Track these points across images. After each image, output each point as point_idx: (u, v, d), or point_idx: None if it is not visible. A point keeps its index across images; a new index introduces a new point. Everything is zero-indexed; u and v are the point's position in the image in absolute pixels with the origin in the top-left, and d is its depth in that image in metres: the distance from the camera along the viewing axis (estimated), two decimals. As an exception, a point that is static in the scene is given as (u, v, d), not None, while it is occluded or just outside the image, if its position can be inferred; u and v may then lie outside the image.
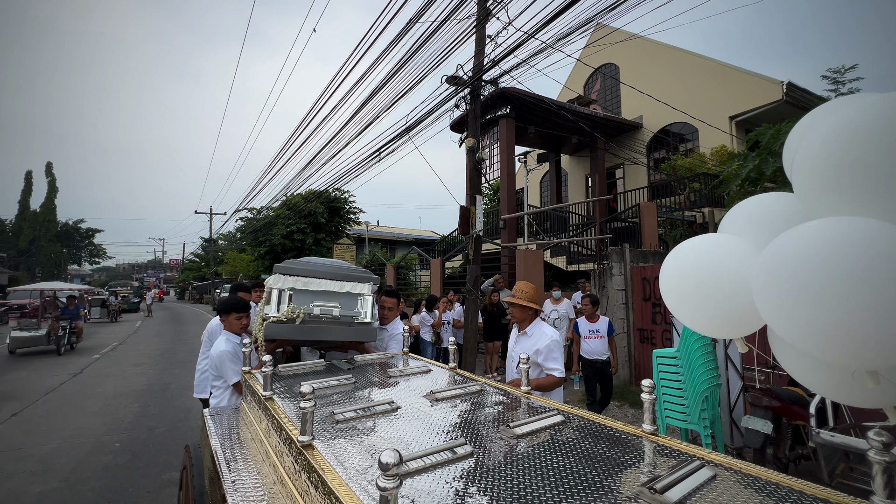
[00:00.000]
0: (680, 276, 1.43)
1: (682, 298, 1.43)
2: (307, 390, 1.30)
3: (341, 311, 2.76)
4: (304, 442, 1.30)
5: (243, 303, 3.08)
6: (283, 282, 2.65)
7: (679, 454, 1.24)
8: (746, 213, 1.52)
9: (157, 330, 17.26)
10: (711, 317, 1.34)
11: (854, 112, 1.00)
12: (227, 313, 3.00)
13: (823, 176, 0.96)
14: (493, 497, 0.99)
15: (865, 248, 0.81)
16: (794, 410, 3.55)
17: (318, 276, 2.73)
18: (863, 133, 0.91)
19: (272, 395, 1.83)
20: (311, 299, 2.69)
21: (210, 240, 36.15)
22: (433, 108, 7.30)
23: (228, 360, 2.77)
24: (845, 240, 0.85)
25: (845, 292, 0.81)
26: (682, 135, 13.40)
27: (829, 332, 0.85)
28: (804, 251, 0.89)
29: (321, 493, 1.10)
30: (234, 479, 1.58)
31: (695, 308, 1.38)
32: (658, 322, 6.59)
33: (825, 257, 0.85)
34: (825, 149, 0.96)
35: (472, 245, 6.90)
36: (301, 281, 2.68)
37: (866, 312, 0.79)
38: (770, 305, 0.97)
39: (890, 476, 0.92)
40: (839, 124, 0.96)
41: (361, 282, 2.89)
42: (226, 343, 2.85)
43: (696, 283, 1.34)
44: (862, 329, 0.81)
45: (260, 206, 20.76)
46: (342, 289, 2.80)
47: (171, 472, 3.94)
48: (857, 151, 0.90)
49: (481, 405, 1.75)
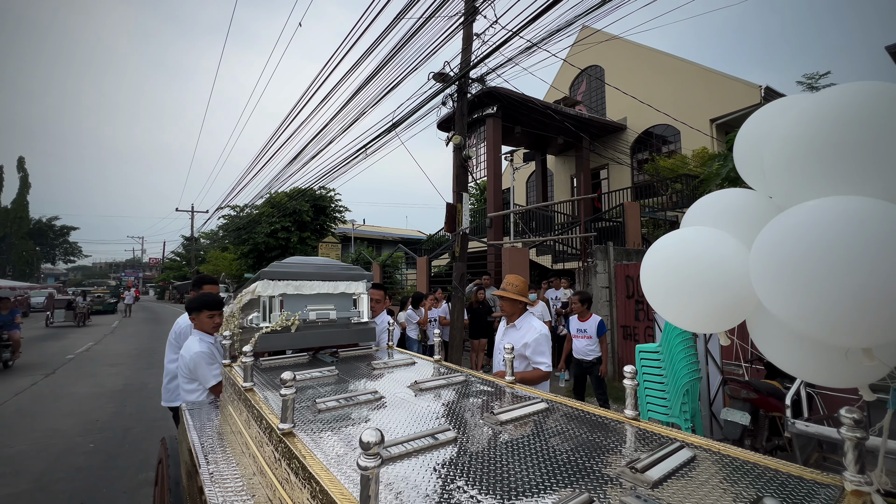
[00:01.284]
0: (662, 270, 1.41)
1: (664, 293, 1.41)
2: (288, 377, 1.27)
3: (338, 313, 2.59)
4: (284, 430, 1.27)
5: (217, 299, 2.84)
6: (272, 287, 2.41)
7: (660, 437, 1.26)
8: (706, 210, 1.54)
9: (134, 330, 16.81)
10: (695, 311, 1.33)
11: (828, 99, 1.02)
12: (199, 311, 2.75)
13: (805, 160, 0.99)
14: (478, 480, 0.99)
15: (866, 225, 0.83)
16: (771, 402, 3.65)
17: (310, 279, 2.54)
18: (845, 115, 0.94)
19: (252, 386, 1.80)
20: (305, 303, 2.50)
21: (191, 238, 35.38)
22: (420, 104, 7.27)
23: (204, 362, 2.56)
24: (847, 217, 0.86)
25: (846, 269, 0.83)
26: (665, 137, 13.66)
27: (830, 310, 0.85)
28: (805, 229, 0.90)
29: (301, 478, 1.08)
30: (213, 471, 1.54)
31: (677, 303, 1.37)
32: (641, 319, 6.70)
33: (826, 234, 0.86)
34: (806, 132, 0.98)
35: (459, 242, 6.90)
36: (293, 285, 2.47)
37: (867, 289, 0.81)
38: (769, 284, 0.98)
39: (860, 452, 0.95)
40: (817, 109, 0.99)
41: (355, 280, 2.73)
42: (199, 344, 2.62)
43: (678, 277, 1.33)
44: (863, 306, 0.82)
45: (243, 203, 20.41)
46: (336, 289, 2.63)
47: (148, 472, 3.83)
48: (841, 132, 0.93)
49: (466, 395, 1.74)
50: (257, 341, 2.27)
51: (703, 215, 1.52)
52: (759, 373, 4.55)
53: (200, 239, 35.70)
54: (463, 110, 7.18)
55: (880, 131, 0.89)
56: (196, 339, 2.68)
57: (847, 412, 0.95)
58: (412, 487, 0.95)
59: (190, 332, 2.80)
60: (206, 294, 2.89)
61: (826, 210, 0.89)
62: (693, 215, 1.57)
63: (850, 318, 0.84)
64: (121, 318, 21.85)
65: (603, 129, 13.97)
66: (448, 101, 7.53)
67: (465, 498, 0.90)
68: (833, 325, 0.87)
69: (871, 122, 0.91)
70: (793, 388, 3.22)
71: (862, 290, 0.81)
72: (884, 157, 0.90)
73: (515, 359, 2.64)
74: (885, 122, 0.90)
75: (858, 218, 0.84)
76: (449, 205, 7.06)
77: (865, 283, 0.80)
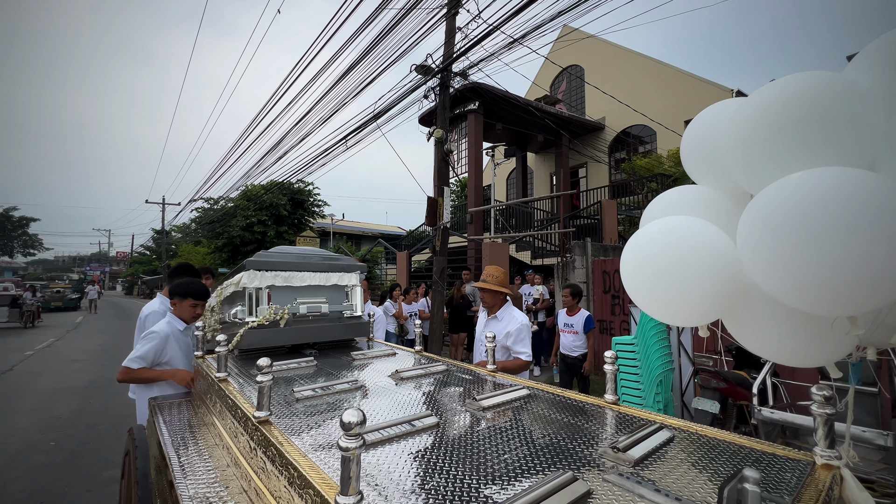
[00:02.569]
0: (645, 262, 1.34)
1: (647, 284, 1.35)
2: (264, 363, 1.23)
3: (330, 306, 2.44)
4: (260, 418, 1.23)
5: (204, 289, 2.67)
6: (259, 279, 2.22)
7: (639, 420, 1.27)
8: (664, 207, 1.57)
9: (101, 326, 16.13)
10: (679, 302, 1.27)
11: (785, 84, 1.07)
12: (183, 297, 2.58)
13: (771, 137, 1.03)
14: (461, 463, 0.98)
15: (854, 195, 0.85)
16: (739, 391, 3.80)
17: (300, 269, 2.36)
18: (802, 96, 1.01)
19: (227, 377, 1.74)
20: (294, 296, 2.34)
21: (162, 231, 34.13)
22: (402, 96, 7.20)
23: (148, 340, 2.39)
24: (834, 187, 0.88)
25: (836, 239, 0.85)
26: (642, 137, 13.97)
27: (825, 279, 0.87)
28: (793, 199, 0.92)
29: (278, 466, 1.04)
30: (184, 464, 1.48)
31: (663, 293, 1.30)
32: (617, 313, 6.84)
33: (815, 205, 0.88)
34: (772, 112, 1.03)
35: (440, 236, 6.88)
36: (281, 276, 2.28)
37: (861, 256, 0.83)
38: (760, 257, 0.99)
39: (830, 427, 0.98)
40: (776, 93, 1.04)
41: (348, 271, 2.57)
42: (165, 325, 2.47)
43: (662, 267, 1.26)
44: (857, 273, 0.84)
45: (217, 196, 19.79)
46: (328, 281, 2.46)
47: (114, 469, 3.68)
48: (799, 110, 0.99)
49: (448, 383, 1.73)
50: (243, 336, 2.10)
51: (661, 212, 1.54)
52: (728, 364, 4.73)
53: (172, 232, 34.49)
54: (445, 104, 7.15)
55: (829, 110, 0.98)
56: (166, 321, 2.52)
57: (817, 390, 0.98)
58: (394, 472, 0.93)
59: (160, 318, 2.62)
60: (194, 281, 2.73)
61: (814, 180, 0.91)
62: (651, 213, 1.59)
63: (845, 286, 0.86)
64: (85, 315, 20.79)
65: (582, 128, 14.17)
66: (430, 94, 7.48)
67: (449, 481, 0.89)
68: (827, 293, 0.89)
69: (821, 102, 0.98)
70: (759, 377, 3.36)
71: (856, 256, 0.83)
72: (835, 132, 0.97)
73: (497, 350, 2.64)
74: (831, 101, 0.98)
75: (847, 186, 0.87)
76: (430, 198, 7.03)
77: (859, 250, 0.83)
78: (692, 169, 1.56)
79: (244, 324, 2.16)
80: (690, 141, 1.51)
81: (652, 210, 1.63)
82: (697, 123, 1.51)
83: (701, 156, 1.49)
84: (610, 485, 0.87)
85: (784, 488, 0.87)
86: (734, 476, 0.72)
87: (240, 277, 2.26)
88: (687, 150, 1.55)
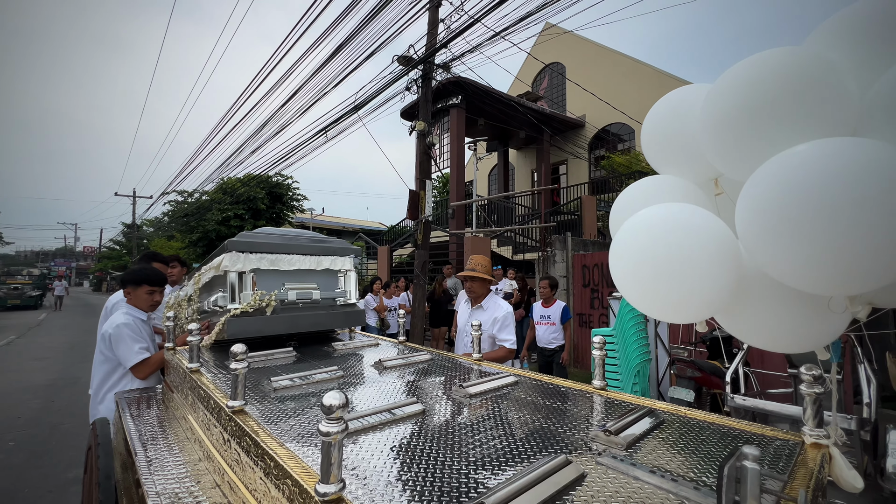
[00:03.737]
0: (643, 257, 1.22)
1: (644, 281, 1.24)
2: (239, 350, 1.16)
3: (322, 292, 2.25)
4: (234, 407, 1.16)
5: (160, 276, 2.51)
6: (242, 262, 2.00)
7: (628, 405, 1.26)
8: (635, 198, 1.53)
9: (66, 322, 15.42)
10: (681, 298, 1.19)
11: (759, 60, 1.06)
12: (137, 285, 2.39)
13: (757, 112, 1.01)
14: (451, 450, 0.93)
15: (861, 164, 0.82)
16: (713, 380, 3.90)
17: (288, 251, 2.16)
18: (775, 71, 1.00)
19: (199, 367, 1.65)
20: (281, 281, 2.14)
21: (133, 225, 32.85)
22: (384, 86, 7.08)
23: (128, 336, 2.22)
24: (840, 158, 0.84)
25: (849, 212, 0.81)
26: (620, 135, 14.18)
27: (834, 256, 0.84)
28: (795, 175, 0.88)
29: (254, 456, 0.98)
30: (151, 459, 1.39)
31: (663, 290, 1.20)
32: (596, 307, 6.93)
33: (819, 179, 0.85)
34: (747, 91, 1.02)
35: (421, 230, 6.82)
36: (267, 259, 2.07)
37: (865, 232, 0.80)
38: (763, 238, 0.95)
39: (819, 407, 0.98)
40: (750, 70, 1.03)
41: (341, 255, 2.37)
42: (125, 316, 2.29)
43: (662, 263, 1.17)
44: (859, 251, 0.81)
45: (192, 189, 19.14)
46: (319, 265, 2.26)
47: (79, 469, 3.50)
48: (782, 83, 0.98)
49: (432, 372, 1.69)
50: (225, 326, 1.90)
51: (633, 204, 1.50)
52: (703, 354, 4.85)
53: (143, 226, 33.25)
54: (427, 96, 7.07)
55: (811, 83, 0.97)
56: (122, 311, 2.35)
57: (806, 370, 0.97)
58: (377, 460, 0.88)
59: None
60: (147, 267, 2.56)
61: (818, 152, 0.89)
62: (623, 205, 1.55)
63: (861, 260, 0.83)
64: (49, 313, 19.66)
65: (563, 125, 14.29)
66: (413, 86, 7.38)
67: (437, 467, 0.84)
68: (841, 270, 0.85)
69: (802, 75, 0.98)
70: (731, 367, 3.45)
71: (871, 229, 0.80)
72: (818, 104, 0.96)
73: (484, 339, 2.62)
74: (811, 73, 0.98)
75: (854, 155, 0.84)
76: (412, 191, 6.95)
77: (873, 222, 0.80)
78: (655, 158, 1.52)
79: (226, 311, 1.96)
80: (652, 130, 1.47)
81: (623, 202, 1.58)
82: (658, 112, 1.46)
83: (665, 144, 1.45)
84: (604, 467, 0.84)
85: (776, 468, 0.86)
86: (732, 454, 0.69)
87: (220, 260, 2.04)
88: (649, 139, 1.51)
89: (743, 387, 3.50)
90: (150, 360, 2.26)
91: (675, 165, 1.44)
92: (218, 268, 2.08)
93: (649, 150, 1.50)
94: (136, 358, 2.21)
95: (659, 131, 1.42)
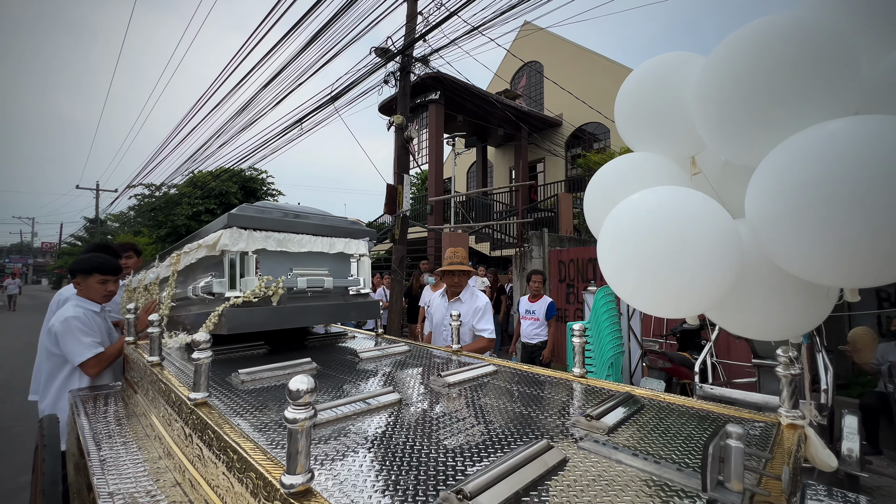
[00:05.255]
0: (640, 247, 1.13)
1: (641, 272, 1.14)
2: (202, 338, 1.08)
3: (334, 280, 1.95)
4: (197, 399, 1.08)
5: (113, 264, 2.29)
6: (245, 240, 1.66)
7: (608, 391, 1.25)
8: (611, 177, 1.45)
9: (21, 322, 14.55)
10: (683, 290, 1.10)
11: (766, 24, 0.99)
12: (87, 274, 2.19)
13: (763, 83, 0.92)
14: (427, 437, 0.89)
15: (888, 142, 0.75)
16: (682, 371, 4.03)
17: (298, 230, 1.83)
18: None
19: (160, 361, 1.55)
20: (289, 265, 1.83)
21: (96, 220, 31.33)
22: (361, 77, 6.94)
23: (77, 330, 2.02)
24: (885, 140, 0.76)
25: (886, 198, 0.74)
26: (596, 134, 14.43)
27: (857, 248, 0.77)
28: (829, 153, 0.80)
29: (216, 450, 0.91)
30: (105, 458, 1.29)
31: (661, 282, 1.10)
32: (571, 301, 7.02)
33: (860, 159, 0.76)
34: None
35: (399, 225, 6.74)
36: (275, 238, 1.74)
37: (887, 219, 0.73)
38: (778, 220, 0.87)
39: (795, 388, 0.99)
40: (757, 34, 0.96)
41: (355, 237, 2.07)
42: (74, 309, 2.10)
43: (662, 253, 1.07)
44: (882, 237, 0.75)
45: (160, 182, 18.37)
46: (332, 248, 1.95)
47: (30, 475, 3.28)
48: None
49: (410, 364, 1.64)
50: (224, 317, 1.57)
51: (610, 184, 1.44)
52: (673, 346, 5.00)
53: (108, 221, 31.74)
54: (406, 90, 6.98)
55: (823, 49, 0.89)
56: (72, 304, 2.14)
57: (783, 352, 0.98)
58: (351, 450, 0.83)
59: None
60: (97, 255, 2.35)
61: (854, 128, 0.79)
62: (602, 182, 1.48)
63: (869, 253, 0.77)
64: (2, 313, 18.43)
65: (541, 122, 14.42)
66: (391, 79, 7.27)
67: (413, 456, 0.80)
68: (873, 262, 0.79)
69: (813, 40, 0.90)
70: (700, 358, 3.56)
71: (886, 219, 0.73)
72: (830, 72, 0.88)
73: (465, 332, 2.59)
74: (822, 39, 0.90)
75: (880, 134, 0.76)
76: (389, 186, 6.85)
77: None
78: (630, 132, 1.43)
79: (222, 300, 1.62)
80: (629, 101, 1.38)
81: (599, 183, 1.49)
82: (637, 81, 1.35)
83: (643, 117, 1.36)
84: (586, 452, 0.82)
85: (755, 448, 0.85)
86: (716, 433, 0.68)
87: (217, 237, 1.64)
88: (624, 111, 1.41)
89: (711, 377, 3.62)
90: (103, 355, 2.08)
91: (653, 141, 1.36)
92: (213, 246, 1.68)
93: (624, 123, 1.40)
94: (86, 353, 2.02)
95: (637, 103, 1.33)
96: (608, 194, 1.40)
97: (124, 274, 3.10)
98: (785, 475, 0.67)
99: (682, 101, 1.20)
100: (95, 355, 2.05)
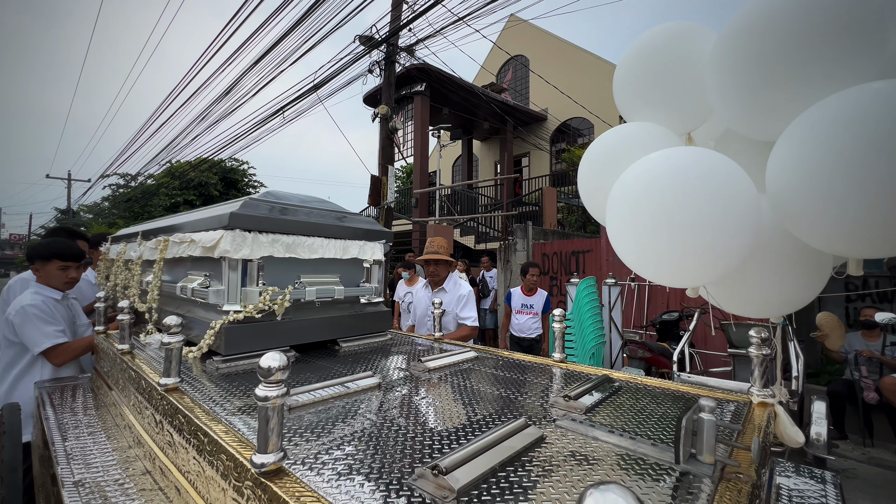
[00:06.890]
0: (663, 210, 1.03)
1: (661, 238, 1.05)
2: (173, 322, 1.05)
3: (346, 289, 1.67)
4: (168, 385, 1.05)
5: (75, 250, 2.16)
6: (249, 246, 1.38)
7: (587, 375, 1.26)
8: (613, 144, 1.41)
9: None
10: (705, 257, 1.03)
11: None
12: (46, 260, 2.07)
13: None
14: (405, 419, 0.88)
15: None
16: (661, 360, 4.13)
17: (309, 232, 1.56)
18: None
19: (131, 349, 1.50)
20: (297, 273, 1.55)
21: (68, 211, 30.23)
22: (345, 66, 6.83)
23: (36, 317, 1.92)
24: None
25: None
26: (580, 130, 14.55)
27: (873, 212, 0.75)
28: (873, 111, 0.77)
29: (186, 435, 0.88)
30: (70, 448, 1.24)
31: (679, 246, 1.02)
32: (555, 294, 7.10)
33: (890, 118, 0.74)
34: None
35: (383, 216, 6.68)
36: (282, 243, 1.46)
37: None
38: (812, 185, 0.83)
39: (766, 368, 1.01)
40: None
41: (371, 240, 1.80)
42: (33, 296, 1.98)
43: (687, 217, 1.00)
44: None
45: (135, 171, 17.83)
46: (346, 253, 1.68)
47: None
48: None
49: (391, 351, 1.62)
50: (223, 336, 1.31)
51: (611, 151, 1.41)
52: (652, 337, 5.12)
53: (80, 212, 30.66)
54: (391, 79, 6.90)
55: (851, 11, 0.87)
56: (31, 291, 2.03)
57: (755, 332, 1.00)
58: (327, 432, 0.81)
59: (26, 286, 2.13)
60: (56, 240, 2.23)
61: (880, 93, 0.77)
62: (597, 153, 1.45)
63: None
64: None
65: (526, 116, 14.47)
66: (375, 68, 7.17)
67: (390, 437, 0.79)
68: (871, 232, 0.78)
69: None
70: (678, 347, 3.65)
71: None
72: (858, 38, 0.86)
73: (448, 321, 2.59)
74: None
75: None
76: (374, 177, 6.79)
77: None
78: (630, 104, 1.40)
79: (221, 312, 1.35)
80: (630, 72, 1.34)
81: (599, 150, 1.44)
82: (640, 52, 1.31)
83: (647, 87, 1.32)
84: (563, 430, 0.82)
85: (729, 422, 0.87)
86: (689, 408, 0.69)
87: (216, 240, 1.36)
88: (625, 82, 1.37)
89: (688, 366, 3.73)
90: (69, 346, 2.00)
91: (655, 112, 1.32)
92: (211, 249, 1.40)
93: (624, 92, 1.36)
94: (47, 342, 1.93)
95: (639, 72, 1.29)
96: (613, 156, 1.35)
97: (95, 263, 2.98)
98: (755, 446, 0.69)
99: (688, 70, 1.17)
100: (58, 345, 1.96)
